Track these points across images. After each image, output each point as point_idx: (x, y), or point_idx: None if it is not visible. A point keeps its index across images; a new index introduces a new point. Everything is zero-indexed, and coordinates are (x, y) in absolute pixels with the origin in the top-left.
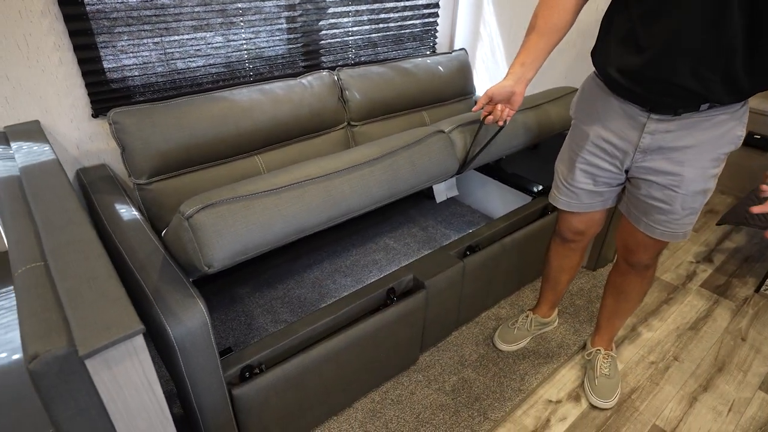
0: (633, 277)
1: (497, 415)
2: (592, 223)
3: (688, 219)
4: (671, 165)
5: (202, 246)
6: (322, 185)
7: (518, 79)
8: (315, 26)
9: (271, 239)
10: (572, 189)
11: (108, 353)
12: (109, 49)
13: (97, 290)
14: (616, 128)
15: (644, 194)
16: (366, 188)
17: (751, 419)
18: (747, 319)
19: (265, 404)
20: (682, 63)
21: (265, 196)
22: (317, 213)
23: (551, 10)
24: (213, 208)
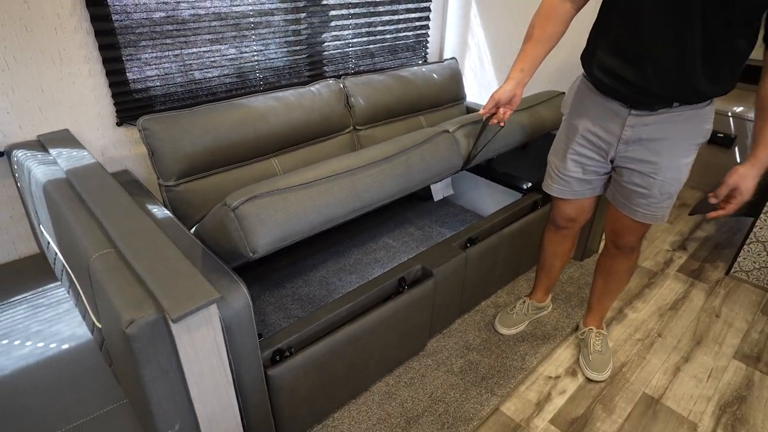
0: (620, 260)
1: (503, 391)
2: (582, 211)
3: (666, 203)
4: (649, 154)
5: (247, 234)
6: (347, 179)
7: (518, 83)
8: (318, 38)
9: (306, 227)
10: (564, 178)
11: (190, 319)
12: (134, 62)
13: (171, 268)
14: (602, 123)
15: (627, 181)
16: (385, 181)
17: (727, 384)
18: (720, 298)
19: (295, 384)
20: (653, 73)
21: (300, 189)
22: (344, 204)
23: (547, 21)
24: (256, 200)
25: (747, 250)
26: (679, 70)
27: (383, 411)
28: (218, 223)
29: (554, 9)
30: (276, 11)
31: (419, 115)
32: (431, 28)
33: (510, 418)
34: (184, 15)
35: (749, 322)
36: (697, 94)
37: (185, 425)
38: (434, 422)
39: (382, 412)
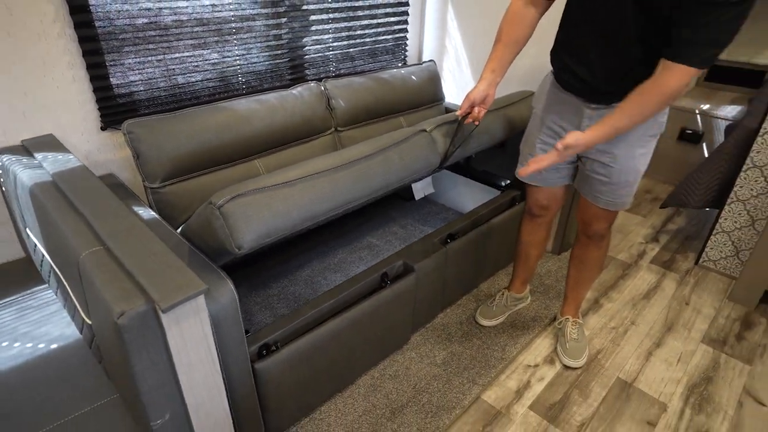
0: (591, 248)
1: (484, 380)
2: (554, 199)
3: (624, 191)
4: (607, 144)
5: (233, 230)
6: (328, 178)
7: (490, 83)
8: (299, 42)
9: (290, 224)
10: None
11: (179, 310)
12: (117, 67)
13: (160, 263)
14: (565, 116)
15: (589, 169)
16: (365, 180)
17: (695, 366)
18: (689, 287)
19: (281, 378)
20: (598, 70)
21: (283, 188)
22: (326, 201)
23: (513, 25)
24: (241, 198)
25: (713, 240)
26: (620, 67)
27: (368, 403)
28: (204, 221)
29: (519, 14)
30: (257, 17)
31: (399, 116)
32: (410, 32)
33: (491, 406)
34: (167, 21)
35: (716, 309)
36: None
37: (175, 415)
38: (418, 412)
39: (368, 403)
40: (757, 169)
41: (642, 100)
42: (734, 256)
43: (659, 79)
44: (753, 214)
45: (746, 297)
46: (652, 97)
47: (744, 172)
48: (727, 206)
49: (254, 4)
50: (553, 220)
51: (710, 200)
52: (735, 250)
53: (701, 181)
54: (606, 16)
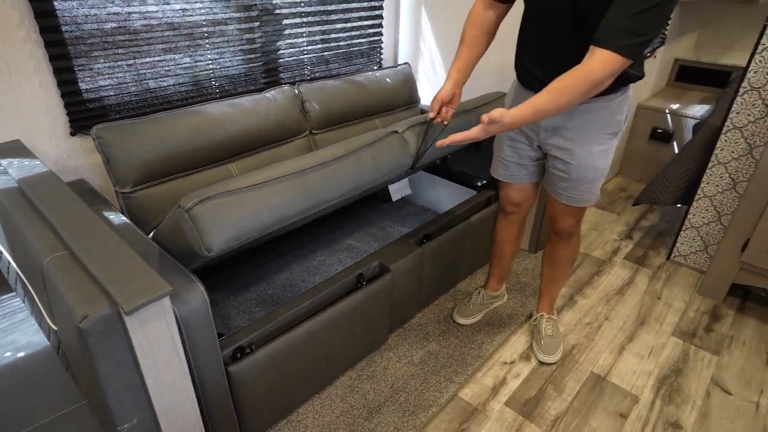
0: (561, 246)
1: (461, 378)
2: (526, 196)
3: (584, 187)
4: (564, 141)
5: (202, 233)
6: (299, 179)
7: (456, 83)
8: (273, 46)
9: (260, 226)
10: (504, 162)
11: (143, 312)
12: (86, 72)
13: (125, 266)
14: None
15: (551, 166)
16: (336, 181)
17: (666, 359)
18: (661, 282)
19: (256, 380)
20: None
21: (253, 190)
22: (296, 203)
23: (474, 27)
24: (209, 201)
25: (683, 236)
26: (566, 64)
27: (346, 404)
28: (174, 225)
29: (479, 16)
30: (229, 21)
31: (374, 118)
32: (384, 35)
33: (468, 403)
34: (136, 25)
35: (686, 302)
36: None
37: (143, 418)
38: (396, 411)
39: (345, 404)
40: (722, 166)
41: (566, 84)
42: (703, 251)
43: (585, 65)
44: (719, 210)
45: (714, 290)
46: (576, 81)
47: (710, 168)
48: (695, 202)
49: (226, 8)
50: (526, 217)
51: (680, 197)
52: (704, 245)
53: (670, 179)
54: (548, 16)
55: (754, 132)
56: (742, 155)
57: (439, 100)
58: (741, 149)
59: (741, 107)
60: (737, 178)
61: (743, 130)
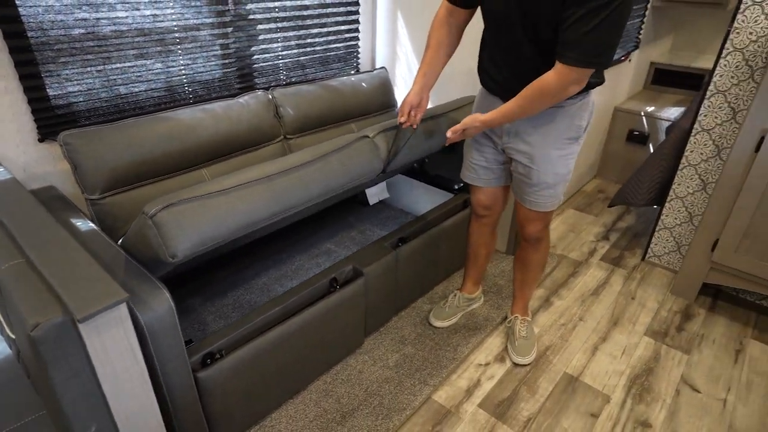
0: (530, 251)
1: (435, 380)
2: (495, 199)
3: (547, 192)
4: (525, 145)
5: (166, 240)
6: (266, 185)
7: (423, 86)
8: (247, 51)
9: (225, 232)
10: (472, 165)
11: (98, 319)
12: (54, 78)
13: (81, 273)
14: None
15: (514, 169)
16: (304, 186)
17: (638, 358)
18: (636, 282)
19: (227, 386)
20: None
21: (218, 196)
22: (263, 208)
23: (439, 31)
24: (173, 207)
25: (657, 236)
26: (527, 70)
27: (320, 408)
28: (138, 231)
29: (442, 21)
30: (202, 26)
31: (350, 122)
32: (362, 40)
33: (441, 405)
34: (105, 31)
35: (660, 302)
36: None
37: (103, 427)
38: (369, 414)
39: (319, 408)
40: (692, 168)
41: (530, 93)
42: (676, 251)
43: (545, 78)
44: (690, 210)
45: (686, 290)
46: (535, 91)
47: (680, 170)
48: (668, 203)
49: (198, 14)
50: (499, 220)
51: (653, 198)
52: (677, 245)
53: (644, 180)
54: (501, 22)
55: (722, 134)
56: (710, 157)
57: (408, 104)
58: (709, 151)
59: (708, 110)
60: (707, 179)
61: (711, 133)
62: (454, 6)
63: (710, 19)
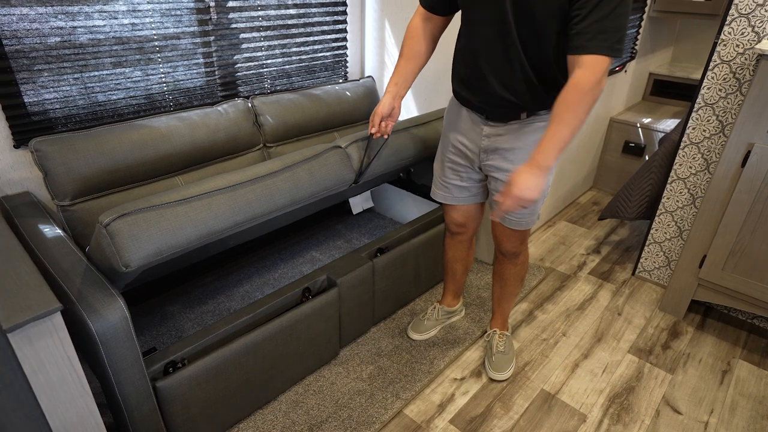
0: (507, 265)
1: (408, 394)
2: (470, 217)
3: (526, 211)
4: (505, 163)
5: (119, 249)
6: (228, 195)
7: (394, 96)
8: (230, 60)
9: (183, 242)
10: (445, 184)
11: (30, 329)
12: (29, 85)
13: (19, 282)
14: (466, 133)
15: (493, 188)
16: (269, 196)
17: (619, 376)
18: (624, 297)
19: (189, 396)
20: (502, 87)
21: (176, 206)
22: (224, 218)
23: (412, 40)
24: (128, 217)
25: (647, 251)
26: (519, 79)
27: (288, 419)
28: (95, 240)
29: (417, 29)
30: (182, 35)
31: (333, 131)
32: (350, 49)
33: (412, 420)
34: (81, 40)
35: (647, 318)
36: (539, 99)
37: None
38: (337, 427)
39: (287, 420)
40: (681, 181)
41: (568, 103)
42: (666, 266)
43: (575, 79)
44: (680, 225)
45: (675, 306)
46: (576, 96)
47: (669, 184)
48: (657, 217)
49: (178, 23)
50: (474, 235)
51: (642, 212)
52: (667, 260)
53: (634, 193)
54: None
55: (710, 148)
56: (699, 171)
57: (379, 114)
58: (698, 165)
59: (696, 123)
60: (696, 193)
61: (699, 146)
62: (431, 13)
63: (711, 31)
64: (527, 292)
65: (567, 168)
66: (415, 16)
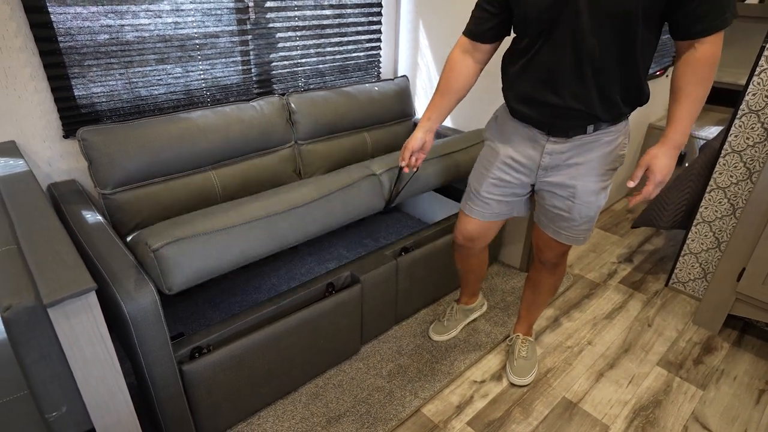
0: (545, 273)
1: (427, 393)
2: (486, 232)
3: (585, 226)
4: (567, 179)
5: (165, 274)
6: (265, 223)
7: (427, 130)
8: (266, 58)
9: (221, 267)
10: (485, 200)
11: (67, 305)
12: (80, 79)
13: (59, 262)
14: (522, 149)
15: (549, 204)
16: (302, 225)
17: (646, 389)
18: (655, 308)
19: (213, 381)
20: (562, 89)
21: (219, 234)
22: (260, 246)
23: (451, 74)
24: (176, 245)
25: (682, 261)
26: (586, 82)
27: (307, 411)
28: (139, 255)
29: (458, 62)
30: (221, 33)
31: (363, 131)
32: (384, 49)
33: (429, 419)
34: (128, 37)
35: (679, 332)
36: (609, 105)
37: (74, 409)
38: (354, 422)
39: (306, 411)
40: (721, 191)
41: (698, 78)
42: (702, 279)
43: (699, 53)
44: (718, 236)
45: (710, 321)
46: (705, 70)
47: (708, 193)
48: (694, 227)
49: (218, 21)
50: (486, 248)
51: (679, 221)
52: (703, 272)
53: (670, 201)
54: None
55: (753, 156)
56: (741, 180)
57: (410, 149)
58: (740, 174)
59: (739, 130)
60: (737, 204)
61: (742, 154)
62: (477, 42)
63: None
64: (553, 298)
65: None
66: (456, 49)
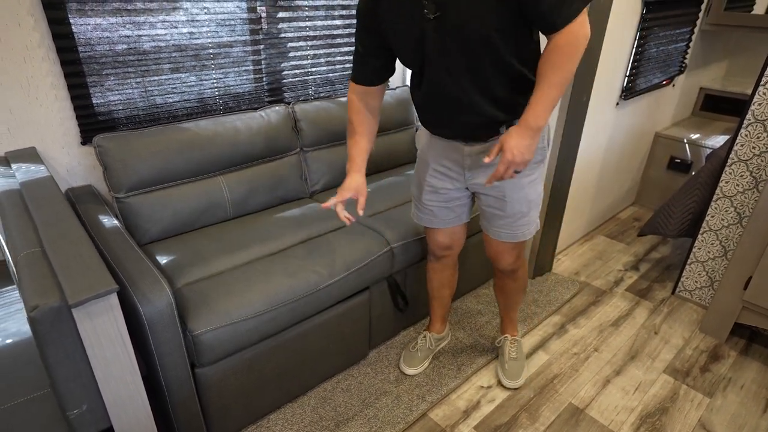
0: (507, 281)
1: (433, 398)
2: (456, 238)
3: (521, 221)
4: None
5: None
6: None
7: (358, 172)
8: (278, 67)
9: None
10: (426, 207)
11: (90, 306)
12: (98, 88)
13: (82, 264)
14: (447, 154)
15: (485, 205)
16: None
17: (653, 396)
18: (662, 316)
19: (224, 384)
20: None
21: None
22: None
23: (359, 116)
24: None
25: (689, 270)
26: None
27: (316, 414)
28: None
29: (358, 105)
30: (234, 43)
31: None
32: None
33: (436, 424)
34: (145, 47)
35: (686, 339)
36: (508, 106)
37: (94, 407)
38: (362, 425)
39: (315, 415)
40: (727, 199)
41: (555, 64)
42: (709, 287)
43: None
44: (725, 245)
45: (717, 329)
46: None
47: (714, 202)
48: (700, 236)
49: (231, 31)
50: (457, 259)
51: (685, 229)
52: (709, 280)
53: (676, 210)
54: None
55: (760, 165)
56: (747, 189)
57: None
58: (746, 183)
59: (746, 139)
60: (743, 212)
61: (748, 163)
62: (367, 87)
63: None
64: (559, 305)
65: (607, 182)
66: (352, 93)
